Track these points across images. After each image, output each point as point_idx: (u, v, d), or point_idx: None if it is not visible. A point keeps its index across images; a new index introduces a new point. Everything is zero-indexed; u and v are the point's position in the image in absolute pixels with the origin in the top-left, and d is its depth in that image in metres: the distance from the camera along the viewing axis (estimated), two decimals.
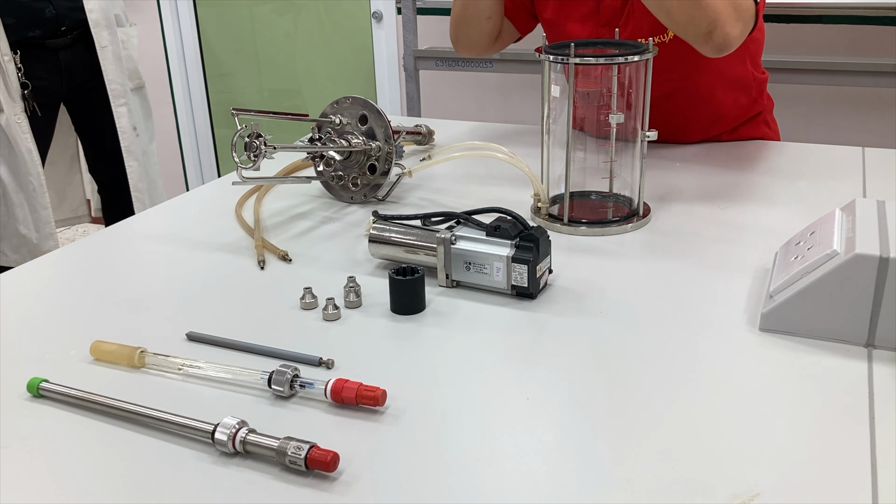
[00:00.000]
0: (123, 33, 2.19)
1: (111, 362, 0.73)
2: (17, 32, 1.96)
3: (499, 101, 2.92)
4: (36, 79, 2.02)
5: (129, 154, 2.20)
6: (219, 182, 1.29)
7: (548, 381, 0.69)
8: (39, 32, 2.01)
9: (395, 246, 0.89)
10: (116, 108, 2.14)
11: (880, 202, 0.80)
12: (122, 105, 2.15)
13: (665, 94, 1.28)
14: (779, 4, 2.18)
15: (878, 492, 0.55)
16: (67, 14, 2.04)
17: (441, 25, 2.77)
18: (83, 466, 0.60)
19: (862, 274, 0.70)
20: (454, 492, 0.56)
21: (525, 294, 0.83)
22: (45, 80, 2.04)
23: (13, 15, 1.95)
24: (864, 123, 2.42)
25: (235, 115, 0.99)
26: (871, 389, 0.66)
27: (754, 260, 0.91)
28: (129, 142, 2.19)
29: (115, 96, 2.14)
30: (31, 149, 2.02)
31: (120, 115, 2.15)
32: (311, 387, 0.66)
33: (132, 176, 2.22)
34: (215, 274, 0.93)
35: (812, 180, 1.17)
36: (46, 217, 2.11)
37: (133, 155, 2.21)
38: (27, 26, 1.97)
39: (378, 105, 1.10)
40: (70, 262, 0.99)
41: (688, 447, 0.59)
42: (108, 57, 2.11)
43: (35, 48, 2.01)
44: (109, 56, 2.11)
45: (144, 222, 1.12)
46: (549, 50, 0.98)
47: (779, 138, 1.44)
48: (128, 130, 2.18)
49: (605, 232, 1.00)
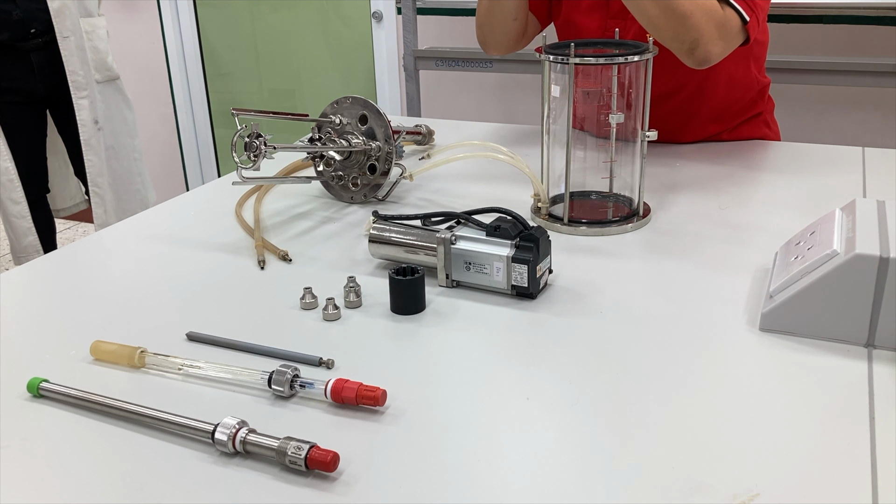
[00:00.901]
0: (89, 24, 2.17)
1: (111, 362, 0.73)
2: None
3: (499, 101, 2.92)
4: (9, 79, 2.05)
5: (88, 147, 2.18)
6: (219, 182, 1.29)
7: (548, 381, 0.69)
8: (8, 35, 2.03)
9: (395, 246, 0.89)
10: (77, 100, 2.13)
11: (880, 202, 0.80)
12: (83, 98, 2.14)
13: (666, 92, 1.28)
14: (779, 4, 2.18)
15: (878, 492, 0.55)
16: (34, 16, 2.05)
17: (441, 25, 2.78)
18: (83, 466, 0.60)
19: (862, 274, 0.70)
20: (454, 492, 0.56)
21: (525, 294, 0.83)
22: (18, 80, 2.07)
23: None
24: (864, 123, 2.42)
25: (235, 115, 0.99)
26: (871, 389, 0.66)
27: (754, 260, 0.91)
28: (89, 135, 2.18)
29: (77, 88, 2.12)
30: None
31: (80, 108, 2.14)
32: (311, 387, 0.66)
33: (91, 170, 2.20)
34: (215, 274, 0.93)
35: (812, 180, 1.17)
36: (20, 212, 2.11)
37: (93, 149, 2.19)
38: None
39: (378, 105, 1.10)
40: (70, 262, 0.99)
41: (688, 447, 0.59)
42: (69, 48, 2.09)
43: (6, 51, 2.04)
44: (71, 47, 2.10)
45: (144, 222, 1.12)
46: (549, 50, 0.98)
47: (779, 138, 1.44)
48: (88, 123, 2.17)
49: (605, 232, 1.00)
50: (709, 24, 1.09)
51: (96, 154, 2.20)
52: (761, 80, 1.37)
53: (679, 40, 1.09)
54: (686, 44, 1.09)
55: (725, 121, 1.36)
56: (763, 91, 1.39)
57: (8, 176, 2.07)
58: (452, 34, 2.78)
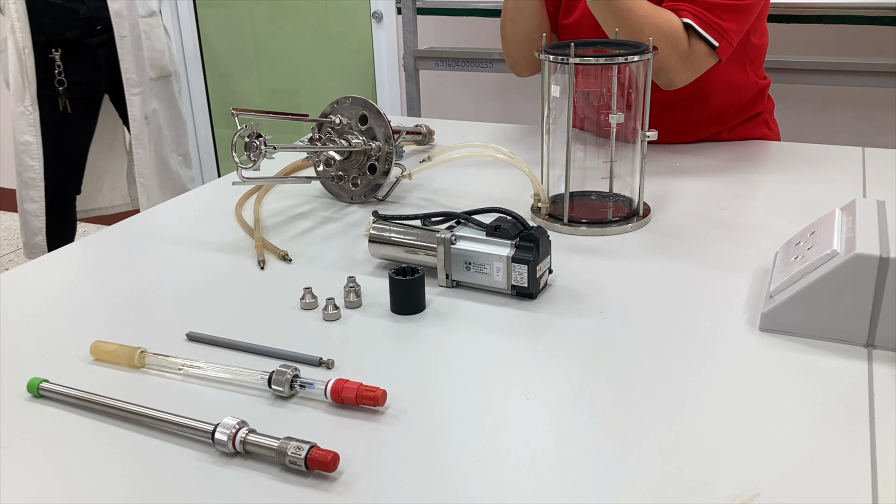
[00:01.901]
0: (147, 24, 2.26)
1: (111, 362, 0.73)
2: (56, 32, 2.08)
3: (499, 101, 2.92)
4: (75, 75, 2.13)
5: (137, 142, 2.26)
6: (219, 182, 1.29)
7: (548, 381, 0.69)
8: (76, 32, 2.12)
9: (395, 246, 0.89)
10: (130, 96, 2.21)
11: (880, 202, 0.80)
12: (135, 94, 2.22)
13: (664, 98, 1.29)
14: (779, 4, 2.18)
15: (878, 492, 0.55)
16: (100, 13, 2.14)
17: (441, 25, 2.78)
18: (83, 466, 0.60)
19: (862, 274, 0.70)
20: (454, 492, 0.56)
21: (525, 294, 0.83)
22: (83, 76, 2.16)
23: (50, 16, 2.07)
24: (864, 123, 2.42)
25: (235, 115, 0.99)
26: (871, 389, 0.66)
27: (754, 260, 0.91)
28: (139, 130, 2.25)
29: (130, 85, 2.21)
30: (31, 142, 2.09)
31: (132, 104, 2.22)
32: (311, 387, 0.66)
33: (138, 163, 2.28)
34: (215, 274, 0.93)
35: (812, 180, 1.17)
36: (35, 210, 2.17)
37: (141, 144, 2.26)
38: (64, 27, 2.09)
39: (378, 105, 1.10)
40: (70, 262, 0.99)
41: (688, 447, 0.59)
42: (125, 47, 2.18)
43: (74, 47, 2.12)
44: (127, 46, 2.18)
45: (144, 222, 1.12)
46: (549, 50, 0.98)
47: (779, 138, 1.44)
48: (138, 119, 2.24)
49: (605, 232, 1.00)
50: (671, 56, 1.15)
51: (144, 148, 2.28)
52: (760, 81, 1.37)
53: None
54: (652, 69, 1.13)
55: (725, 121, 1.36)
56: (763, 91, 1.39)
57: (31, 174, 2.13)
58: (452, 34, 2.78)
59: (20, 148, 2.10)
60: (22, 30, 2.03)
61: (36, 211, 2.18)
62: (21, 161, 2.12)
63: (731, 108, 1.34)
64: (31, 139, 2.10)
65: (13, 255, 3.38)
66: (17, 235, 3.57)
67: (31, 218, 2.19)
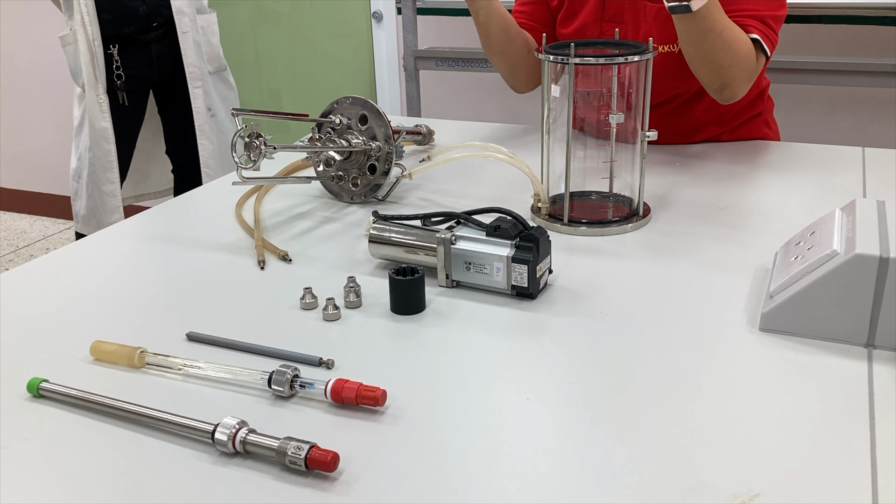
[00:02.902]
0: (204, 20, 2.40)
1: (111, 362, 0.73)
2: (115, 28, 2.20)
3: (499, 101, 2.92)
4: (130, 69, 2.26)
5: (202, 133, 2.38)
6: (219, 182, 1.29)
7: (548, 381, 0.69)
8: (134, 28, 2.24)
9: (395, 246, 0.89)
10: (193, 90, 2.33)
11: (880, 202, 0.80)
12: (198, 87, 2.35)
13: (665, 101, 1.30)
14: None
15: (878, 492, 0.55)
16: (158, 11, 2.26)
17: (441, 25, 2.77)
18: (83, 466, 0.60)
19: (862, 274, 0.70)
20: (454, 492, 0.56)
21: (525, 294, 0.83)
22: (138, 69, 2.29)
23: (111, 12, 2.19)
24: (864, 123, 2.42)
25: (235, 115, 1.00)
26: (871, 389, 0.66)
27: (754, 260, 0.91)
28: (203, 121, 2.37)
29: (193, 79, 2.33)
30: (107, 127, 2.25)
31: (196, 97, 2.34)
32: (311, 387, 0.66)
33: (203, 153, 2.40)
34: (215, 274, 0.93)
35: (812, 180, 1.17)
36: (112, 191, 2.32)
37: (206, 134, 2.39)
38: (123, 23, 2.22)
39: (378, 105, 1.10)
40: (70, 262, 0.99)
41: (688, 447, 0.59)
42: (188, 42, 2.31)
43: (131, 43, 2.25)
44: (189, 41, 2.31)
45: (144, 222, 1.12)
46: (549, 50, 0.98)
47: (779, 138, 1.44)
48: (202, 111, 2.37)
49: (605, 232, 1.00)
50: (742, 72, 1.16)
51: (209, 139, 2.40)
52: (760, 82, 1.37)
53: (712, 80, 1.18)
54: (717, 84, 1.17)
55: (725, 122, 1.37)
56: (763, 91, 1.39)
57: (109, 157, 2.29)
58: (452, 34, 2.78)
59: (98, 134, 2.25)
60: (91, 23, 2.17)
61: (113, 192, 2.33)
62: (99, 146, 2.27)
63: (731, 108, 1.34)
64: (107, 125, 2.26)
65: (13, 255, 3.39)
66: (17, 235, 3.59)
67: (108, 199, 2.34)
